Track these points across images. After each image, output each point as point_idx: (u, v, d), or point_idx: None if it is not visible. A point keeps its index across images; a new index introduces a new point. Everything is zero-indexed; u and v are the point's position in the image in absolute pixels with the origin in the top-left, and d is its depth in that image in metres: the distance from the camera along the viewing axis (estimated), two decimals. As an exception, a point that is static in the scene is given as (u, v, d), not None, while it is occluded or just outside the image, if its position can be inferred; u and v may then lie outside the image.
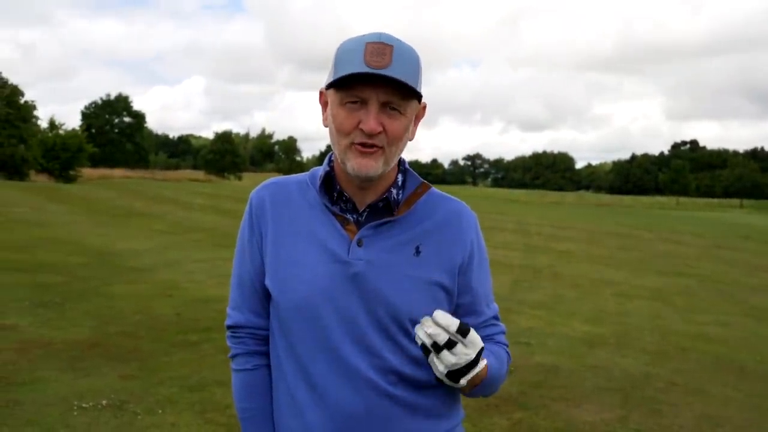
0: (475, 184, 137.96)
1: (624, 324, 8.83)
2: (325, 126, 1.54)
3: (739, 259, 19.72)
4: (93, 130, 74.65)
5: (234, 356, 1.64)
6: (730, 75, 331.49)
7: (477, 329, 1.58)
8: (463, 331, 1.38)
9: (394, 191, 1.55)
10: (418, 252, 1.53)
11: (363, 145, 1.44)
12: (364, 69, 1.39)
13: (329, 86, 1.47)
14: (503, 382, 1.63)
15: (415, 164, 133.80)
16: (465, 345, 1.38)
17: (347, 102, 1.44)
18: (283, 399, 1.56)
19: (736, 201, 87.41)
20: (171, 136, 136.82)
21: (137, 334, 6.71)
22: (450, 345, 1.37)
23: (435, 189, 1.62)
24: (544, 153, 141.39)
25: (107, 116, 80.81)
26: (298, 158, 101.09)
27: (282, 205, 1.58)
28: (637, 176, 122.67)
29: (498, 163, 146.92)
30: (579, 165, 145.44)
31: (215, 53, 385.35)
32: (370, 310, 1.49)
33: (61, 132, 51.20)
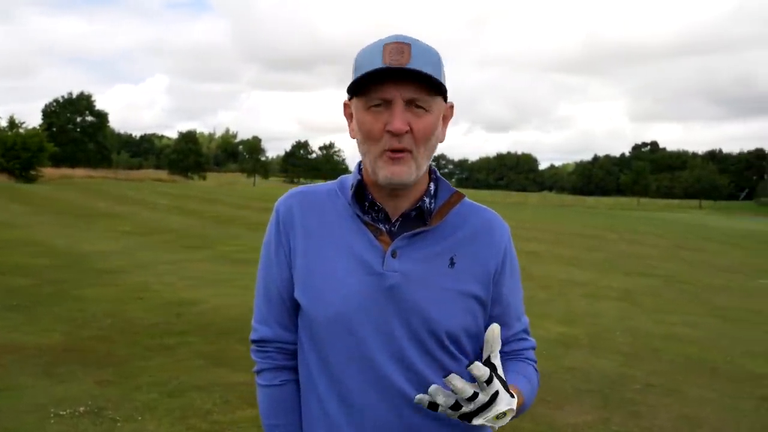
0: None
1: (596, 325, 8.92)
2: (353, 137, 1.50)
3: (701, 260, 20.05)
4: (54, 129, 73.39)
5: (260, 371, 1.59)
6: (691, 78, 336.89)
7: (507, 343, 1.57)
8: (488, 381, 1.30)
9: (427, 200, 1.52)
10: (452, 263, 1.49)
11: (392, 151, 1.41)
12: (384, 67, 1.37)
13: (351, 93, 1.44)
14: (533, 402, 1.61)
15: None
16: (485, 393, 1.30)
17: (371, 106, 1.41)
18: (315, 415, 1.51)
19: (695, 202, 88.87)
20: (134, 136, 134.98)
21: (111, 338, 6.61)
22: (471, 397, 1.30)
23: (467, 198, 1.58)
24: (508, 154, 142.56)
25: (69, 115, 79.48)
26: (263, 158, 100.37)
27: (311, 214, 1.53)
28: (599, 177, 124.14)
29: (462, 164, 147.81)
30: (542, 166, 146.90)
31: (180, 52, 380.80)
32: (406, 323, 1.45)
33: (21, 131, 50.18)
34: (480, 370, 1.28)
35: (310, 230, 1.52)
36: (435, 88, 1.40)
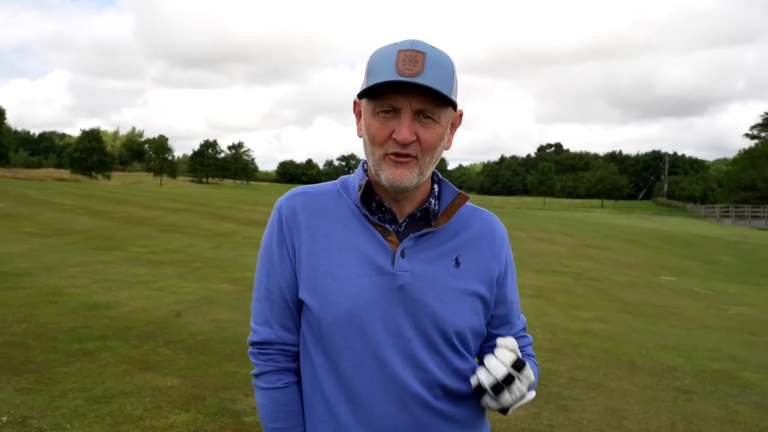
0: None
1: (516, 322, 9.09)
2: (359, 136, 1.51)
3: (607, 258, 20.77)
4: (-55, 126, 69.92)
5: (261, 374, 1.56)
6: (593, 82, 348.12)
7: None
8: (518, 366, 1.38)
9: (433, 201, 1.53)
10: (457, 263, 1.52)
11: (397, 155, 1.41)
12: (396, 77, 1.36)
13: (362, 95, 1.44)
14: None
15: (290, 164, 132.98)
16: (521, 380, 1.39)
17: (380, 111, 1.41)
18: (321, 416, 1.50)
19: (597, 201, 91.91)
20: (32, 133, 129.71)
21: (26, 344, 6.32)
22: (508, 380, 1.38)
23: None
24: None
25: (-39, 111, 75.89)
26: (170, 157, 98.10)
27: (316, 215, 1.52)
28: (506, 177, 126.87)
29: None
30: (451, 166, 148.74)
31: (81, 46, 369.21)
32: (416, 322, 1.46)
33: None
34: (509, 342, 1.44)
35: (316, 231, 1.51)
36: (445, 100, 1.40)
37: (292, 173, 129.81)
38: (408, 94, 1.38)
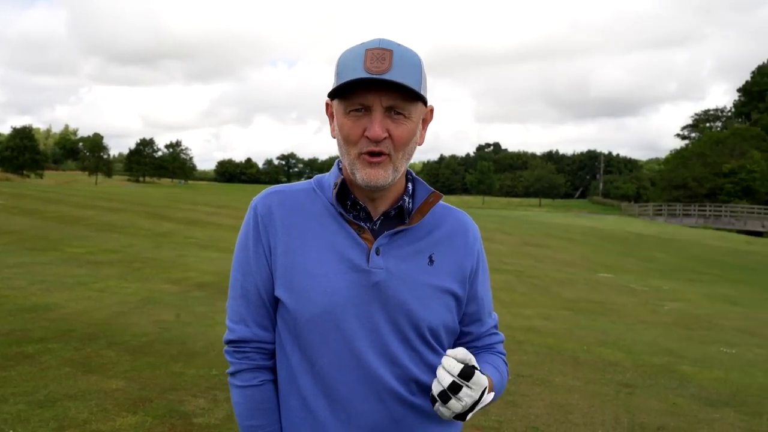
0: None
1: (460, 320, 9.18)
2: (333, 137, 1.52)
3: (546, 255, 21.15)
4: None
5: (237, 372, 1.56)
6: (531, 82, 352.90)
7: (480, 338, 1.64)
8: (466, 374, 1.36)
9: (407, 199, 1.56)
10: (431, 261, 1.54)
11: (370, 154, 1.43)
12: (365, 75, 1.38)
13: (332, 95, 1.45)
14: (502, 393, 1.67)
15: (229, 163, 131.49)
16: (470, 387, 1.38)
17: (351, 110, 1.43)
18: (297, 413, 1.51)
19: (535, 200, 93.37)
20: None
21: (-38, 348, 6.13)
22: (455, 389, 1.36)
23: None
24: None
25: None
26: (105, 156, 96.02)
27: (292, 213, 1.53)
28: (445, 176, 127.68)
29: (312, 163, 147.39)
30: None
31: (11, 41, 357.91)
32: (391, 318, 1.49)
33: None
34: (458, 352, 1.39)
35: (291, 229, 1.52)
36: (414, 94, 1.42)
37: (231, 172, 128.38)
38: (377, 92, 1.40)
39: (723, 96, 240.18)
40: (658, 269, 20.60)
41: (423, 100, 1.46)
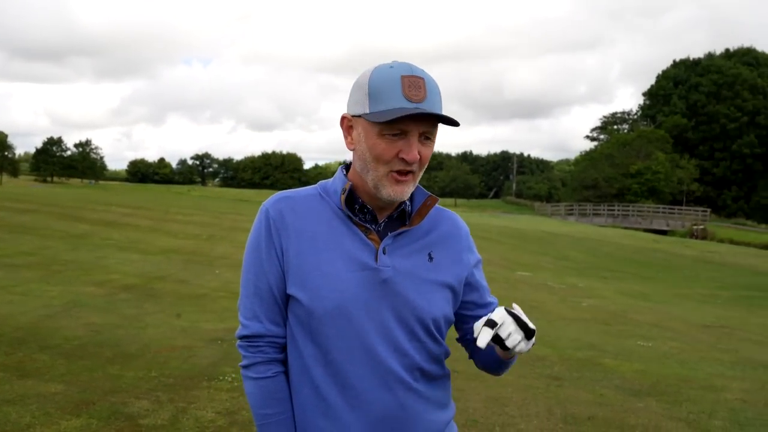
0: (204, 183, 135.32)
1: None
2: (350, 149, 1.67)
3: (467, 255, 21.53)
4: None
5: (250, 365, 1.68)
6: (447, 84, 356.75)
7: None
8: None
9: (407, 203, 1.71)
10: (431, 258, 1.71)
11: (400, 173, 1.58)
12: (407, 104, 1.53)
13: (376, 121, 1.56)
14: None
15: (141, 163, 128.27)
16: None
17: (388, 134, 1.56)
18: (310, 402, 1.64)
19: (451, 200, 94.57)
20: None
21: None
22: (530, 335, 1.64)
23: None
24: (273, 153, 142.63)
25: None
26: (10, 155, 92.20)
27: (302, 217, 1.66)
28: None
29: (227, 163, 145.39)
30: (307, 165, 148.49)
31: None
32: (398, 312, 1.63)
33: None
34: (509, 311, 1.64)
35: (302, 232, 1.65)
36: (448, 122, 1.56)
37: (143, 172, 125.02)
38: (417, 120, 1.55)
39: (630, 99, 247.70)
40: (573, 267, 21.32)
41: (455, 124, 1.58)
